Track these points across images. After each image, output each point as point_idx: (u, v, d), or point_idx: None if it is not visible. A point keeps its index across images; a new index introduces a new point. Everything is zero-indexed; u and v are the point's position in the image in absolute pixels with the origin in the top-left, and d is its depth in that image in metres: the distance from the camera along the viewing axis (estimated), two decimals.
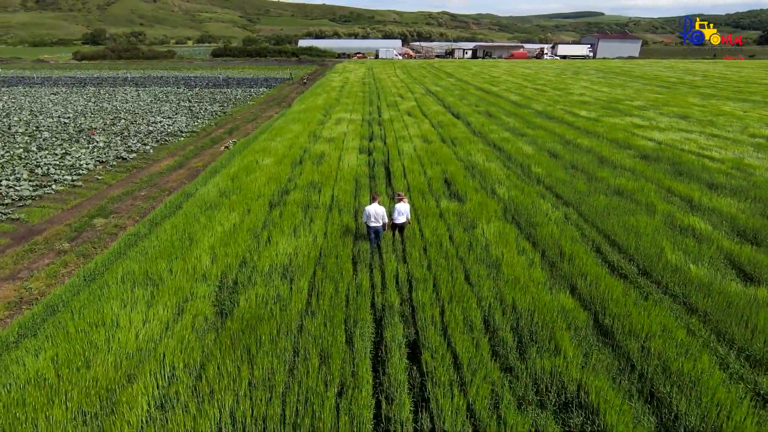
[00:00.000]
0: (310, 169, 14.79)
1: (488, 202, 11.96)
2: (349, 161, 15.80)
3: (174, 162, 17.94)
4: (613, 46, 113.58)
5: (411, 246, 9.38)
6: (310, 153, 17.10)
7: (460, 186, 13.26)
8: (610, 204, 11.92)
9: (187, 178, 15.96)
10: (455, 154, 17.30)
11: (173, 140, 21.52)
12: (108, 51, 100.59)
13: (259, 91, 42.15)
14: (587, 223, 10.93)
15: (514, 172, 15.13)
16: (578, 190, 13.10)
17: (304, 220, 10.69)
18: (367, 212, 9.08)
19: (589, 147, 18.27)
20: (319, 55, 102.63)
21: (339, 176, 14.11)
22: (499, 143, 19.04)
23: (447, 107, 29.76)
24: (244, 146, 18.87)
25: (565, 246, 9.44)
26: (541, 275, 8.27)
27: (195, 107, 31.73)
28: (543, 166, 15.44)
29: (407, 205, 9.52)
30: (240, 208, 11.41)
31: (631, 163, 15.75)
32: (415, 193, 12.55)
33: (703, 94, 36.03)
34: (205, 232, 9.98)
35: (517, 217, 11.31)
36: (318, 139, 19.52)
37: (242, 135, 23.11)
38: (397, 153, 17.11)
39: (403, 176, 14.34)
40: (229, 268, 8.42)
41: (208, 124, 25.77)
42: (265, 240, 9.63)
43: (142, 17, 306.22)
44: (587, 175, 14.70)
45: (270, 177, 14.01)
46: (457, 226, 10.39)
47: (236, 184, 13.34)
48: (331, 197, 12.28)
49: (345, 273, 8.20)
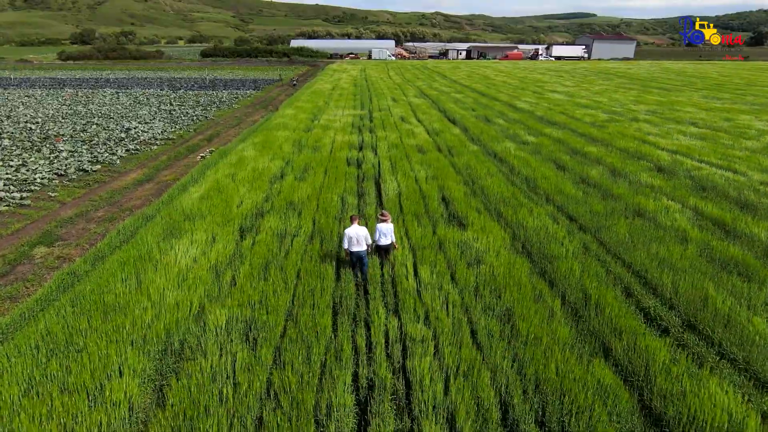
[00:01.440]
0: (290, 186, 13.11)
1: (493, 228, 10.37)
2: (336, 176, 14.14)
3: (142, 175, 16.17)
4: (607, 47, 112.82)
5: (404, 290, 7.74)
6: (293, 165, 15.41)
7: (460, 206, 11.65)
8: (633, 229, 10.38)
9: (154, 194, 14.22)
10: (453, 166, 15.70)
11: (145, 149, 19.72)
12: (94, 51, 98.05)
13: (246, 93, 40.35)
14: (610, 255, 9.37)
15: (519, 188, 13.55)
16: (594, 210, 11.54)
17: (278, 254, 9.02)
18: (347, 235, 8.05)
19: (598, 157, 16.76)
20: (311, 55, 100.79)
21: (323, 195, 12.44)
22: (500, 153, 17.47)
23: (442, 111, 28.19)
24: (221, 156, 17.14)
25: (590, 287, 7.86)
26: (565, 332, 6.67)
27: (176, 111, 29.90)
28: (551, 181, 13.88)
29: (391, 225, 8.64)
30: (205, 237, 9.72)
31: (647, 178, 14.24)
32: (409, 216, 10.91)
33: (707, 98, 34.77)
34: (157, 271, 8.28)
35: (528, 245, 9.72)
36: (303, 149, 17.84)
37: (222, 142, 21.37)
38: (390, 165, 15.47)
39: (397, 194, 12.70)
40: (177, 326, 6.72)
41: (187, 130, 23.97)
42: (227, 283, 7.94)
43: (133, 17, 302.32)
44: (601, 191, 13.16)
45: (244, 196, 12.32)
46: (459, 261, 8.78)
47: (205, 204, 11.63)
48: (312, 222, 10.61)
49: (322, 332, 6.55)
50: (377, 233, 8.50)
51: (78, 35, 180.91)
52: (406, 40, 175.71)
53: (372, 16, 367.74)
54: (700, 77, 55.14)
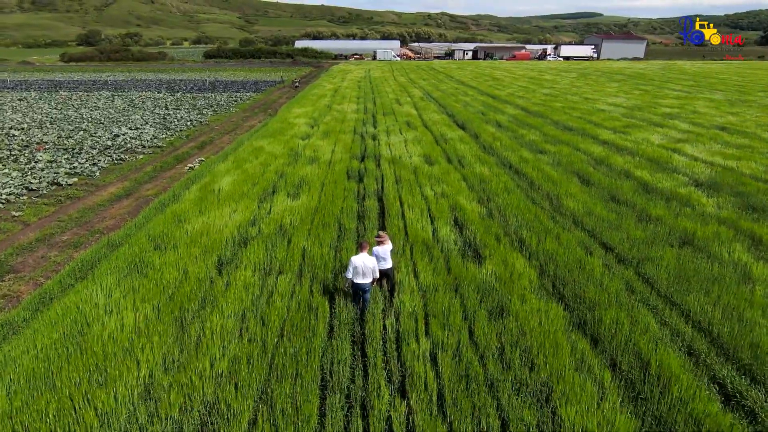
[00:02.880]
0: (282, 205, 11.55)
1: (517, 261, 8.75)
2: (334, 194, 12.57)
3: (122, 189, 14.69)
4: (617, 46, 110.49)
5: (412, 354, 6.15)
6: (287, 179, 13.86)
7: (475, 232, 10.04)
8: (683, 263, 8.72)
9: (132, 211, 12.73)
10: (465, 180, 14.08)
11: (130, 158, 18.27)
12: (96, 53, 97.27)
13: (246, 95, 38.93)
14: (662, 299, 7.71)
15: (541, 207, 11.91)
16: (632, 237, 9.89)
17: (258, 298, 7.45)
18: (354, 265, 7.10)
19: (625, 169, 15.07)
20: (315, 56, 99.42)
21: (318, 217, 10.87)
22: (516, 164, 15.84)
23: (450, 115, 26.56)
24: (208, 168, 15.64)
25: (645, 349, 6.24)
26: (626, 425, 5.05)
27: (170, 115, 28.48)
28: (577, 199, 12.23)
29: (390, 246, 7.85)
30: (175, 274, 8.18)
31: (686, 194, 12.56)
32: (417, 246, 9.31)
33: (730, 101, 32.86)
34: (108, 322, 6.75)
35: (560, 286, 8.09)
36: (299, 159, 16.29)
37: (215, 150, 19.89)
38: (394, 180, 13.88)
39: (400, 216, 11.11)
40: (113, 418, 5.15)
41: (179, 136, 22.52)
42: (190, 347, 6.36)
43: (139, 18, 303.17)
44: (636, 212, 11.49)
45: (228, 218, 10.77)
46: (480, 310, 7.17)
47: (180, 230, 10.10)
48: (302, 254, 9.04)
49: (304, 423, 4.97)
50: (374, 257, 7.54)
51: (83, 37, 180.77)
52: (412, 41, 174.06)
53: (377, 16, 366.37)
54: (718, 78, 53.08)
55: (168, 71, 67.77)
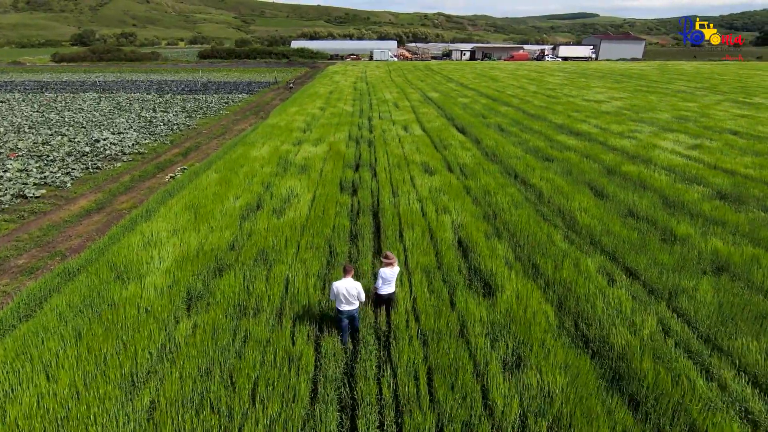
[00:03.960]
0: (265, 224, 10.35)
1: (532, 294, 7.59)
2: (325, 207, 11.38)
3: (94, 201, 13.45)
4: (615, 47, 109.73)
5: (414, 427, 4.97)
6: (273, 192, 12.65)
7: (483, 256, 8.87)
8: (722, 295, 7.59)
9: (101, 229, 11.50)
10: (468, 192, 12.92)
11: (107, 167, 17.02)
12: (88, 53, 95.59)
13: (238, 97, 37.68)
14: (707, 345, 6.56)
15: (554, 225, 10.76)
16: (659, 262, 8.75)
17: (228, 348, 6.26)
18: (335, 290, 6.50)
19: (641, 179, 13.95)
20: (311, 56, 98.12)
21: (305, 238, 9.67)
22: (522, 173, 14.69)
23: (450, 119, 25.41)
24: (189, 178, 14.41)
25: (699, 419, 5.09)
26: None
27: (157, 118, 27.20)
28: (592, 214, 11.09)
29: (398, 269, 7.12)
30: (132, 313, 6.97)
31: (711, 209, 11.44)
32: (417, 274, 8.13)
33: (735, 102, 31.85)
34: (39, 383, 5.53)
35: (583, 326, 6.93)
36: (288, 168, 15.08)
37: (200, 157, 18.66)
38: (391, 192, 12.70)
39: (398, 236, 9.93)
40: None
41: (163, 141, 21.26)
42: (144, 412, 5.16)
43: (134, 18, 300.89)
44: (659, 230, 10.36)
45: (204, 239, 9.56)
46: (492, 362, 6.00)
47: (148, 255, 8.87)
48: (285, 286, 7.84)
49: None
50: (379, 280, 6.97)
51: (78, 37, 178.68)
52: (408, 41, 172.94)
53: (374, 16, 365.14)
54: (720, 79, 52.20)
55: (160, 72, 66.36)
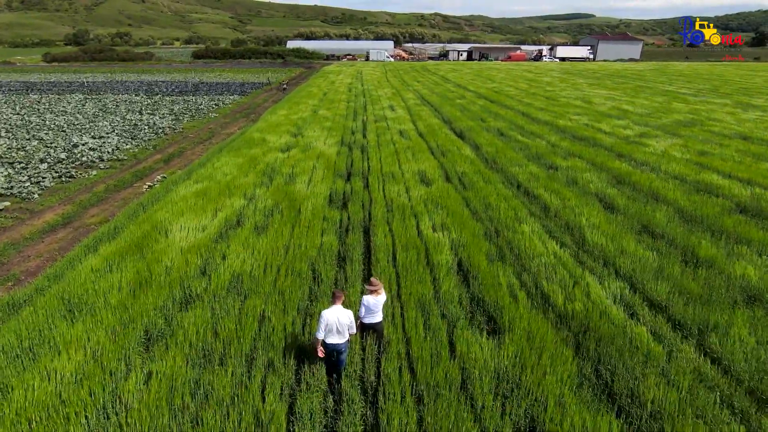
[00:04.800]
0: (242, 244, 9.31)
1: (546, 334, 6.58)
2: (311, 224, 10.35)
3: (61, 215, 12.37)
4: (613, 47, 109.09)
5: None
6: (256, 205, 11.60)
7: (485, 284, 7.86)
8: (759, 332, 6.62)
9: (65, 247, 10.45)
10: (467, 205, 11.92)
11: (82, 175, 15.92)
12: (80, 53, 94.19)
13: (230, 99, 36.60)
14: (752, 402, 5.57)
15: (562, 243, 9.77)
16: (682, 289, 7.77)
17: (183, 411, 5.21)
18: (325, 321, 5.66)
19: (653, 189, 12.99)
20: (307, 57, 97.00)
21: (287, 261, 8.63)
22: (525, 183, 13.70)
23: (447, 122, 24.43)
24: (166, 189, 13.33)
25: None
26: None
27: (142, 121, 26.09)
28: (603, 231, 10.10)
29: (384, 297, 6.33)
30: (77, 359, 5.93)
31: (733, 225, 10.47)
32: (411, 308, 7.11)
33: (740, 104, 31.01)
34: None
35: (606, 375, 5.93)
36: (274, 178, 14.04)
37: (183, 164, 17.60)
38: (385, 207, 11.67)
39: (391, 259, 8.91)
40: None
41: (145, 147, 20.16)
42: None
43: (130, 18, 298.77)
44: (680, 250, 9.38)
45: (172, 263, 8.50)
46: (503, 429, 4.98)
47: (107, 283, 7.81)
48: (259, 324, 6.79)
49: None
50: (362, 309, 6.23)
51: (72, 36, 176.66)
52: (405, 41, 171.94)
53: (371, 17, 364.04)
54: (722, 80, 51.47)
55: (152, 72, 65.11)
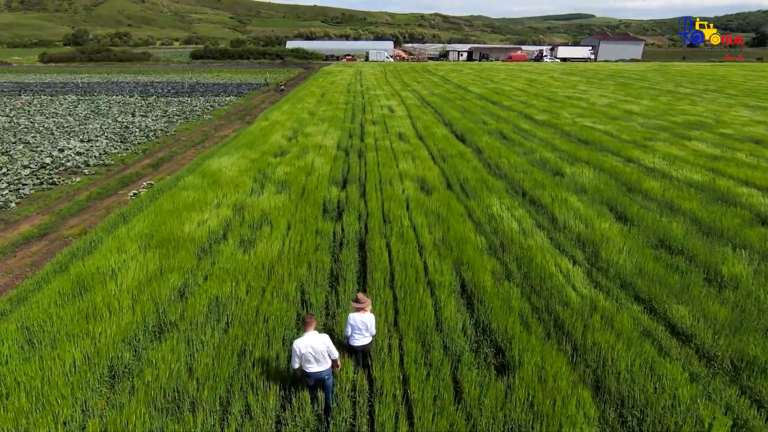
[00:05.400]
0: (228, 261, 8.56)
1: (561, 368, 5.84)
2: (303, 238, 9.60)
3: (38, 226, 11.61)
4: (614, 47, 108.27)
5: None
6: (245, 216, 10.85)
7: (492, 308, 7.11)
8: None
9: (38, 262, 9.70)
10: (471, 217, 11.17)
11: (65, 181, 15.17)
12: (77, 53, 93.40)
13: (226, 100, 35.83)
14: None
15: (574, 259, 9.02)
16: (709, 314, 7.03)
17: None
18: (298, 351, 5.18)
19: (666, 198, 12.24)
20: (306, 57, 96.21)
21: (274, 282, 7.88)
22: (530, 191, 12.95)
23: (448, 124, 23.69)
24: (152, 198, 12.58)
25: None
26: None
27: (134, 124, 25.34)
28: (618, 246, 9.35)
29: (371, 317, 5.84)
30: (23, 406, 5.18)
31: (758, 240, 9.72)
32: (410, 340, 6.36)
33: (747, 106, 30.27)
34: None
35: (635, 424, 5.18)
36: (266, 185, 13.29)
37: (173, 169, 16.86)
38: (382, 218, 10.92)
39: (388, 277, 8.16)
40: None
41: (135, 151, 19.41)
42: None
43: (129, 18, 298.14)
44: (702, 268, 8.63)
45: (146, 283, 7.74)
46: None
47: (73, 308, 7.06)
48: (238, 358, 6.04)
49: None
50: (348, 328, 5.79)
51: (71, 37, 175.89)
52: (405, 41, 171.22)
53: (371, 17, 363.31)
54: (726, 81, 50.74)
55: (149, 73, 64.36)
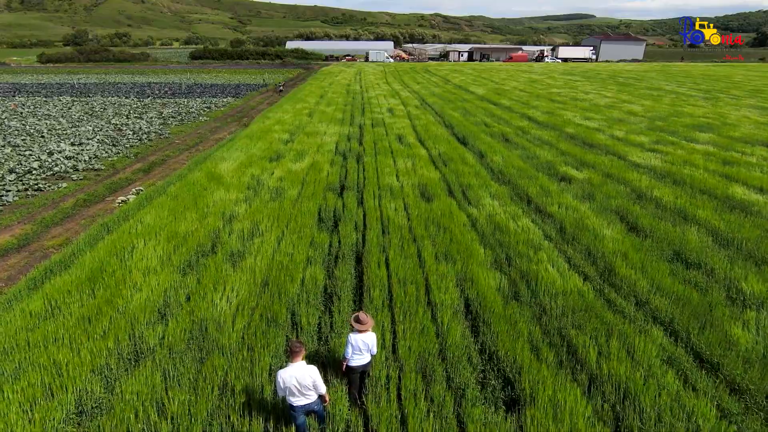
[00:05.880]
0: (214, 277, 7.97)
1: (575, 407, 5.24)
2: (295, 250, 9.02)
3: (18, 236, 11.03)
4: (616, 48, 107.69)
5: None
6: (233, 227, 10.25)
7: (500, 334, 6.52)
8: None
9: (14, 277, 9.12)
10: (474, 227, 10.58)
11: (51, 187, 14.59)
12: (76, 53, 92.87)
13: (223, 101, 35.27)
14: None
15: (585, 275, 8.42)
16: (736, 341, 6.44)
17: None
18: (282, 383, 4.71)
19: (680, 207, 11.64)
20: (306, 57, 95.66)
21: (264, 302, 7.30)
22: (536, 198, 12.36)
23: (449, 127, 23.11)
24: (139, 206, 11.99)
25: None
26: None
27: (127, 126, 24.77)
28: (630, 260, 8.76)
29: (373, 337, 5.45)
30: None
31: None
32: (410, 372, 5.77)
33: (755, 107, 29.65)
34: None
35: None
36: (259, 192, 12.71)
37: (164, 174, 16.30)
38: (380, 228, 10.33)
39: (387, 296, 7.57)
40: None
41: (126, 154, 18.83)
42: None
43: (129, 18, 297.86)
44: (722, 285, 8.04)
45: (128, 301, 7.15)
46: None
47: (39, 333, 6.48)
48: (220, 393, 5.45)
49: None
50: (349, 348, 5.33)
51: (71, 37, 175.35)
52: (405, 42, 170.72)
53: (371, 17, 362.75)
54: (730, 82, 50.14)
55: (147, 73, 63.80)
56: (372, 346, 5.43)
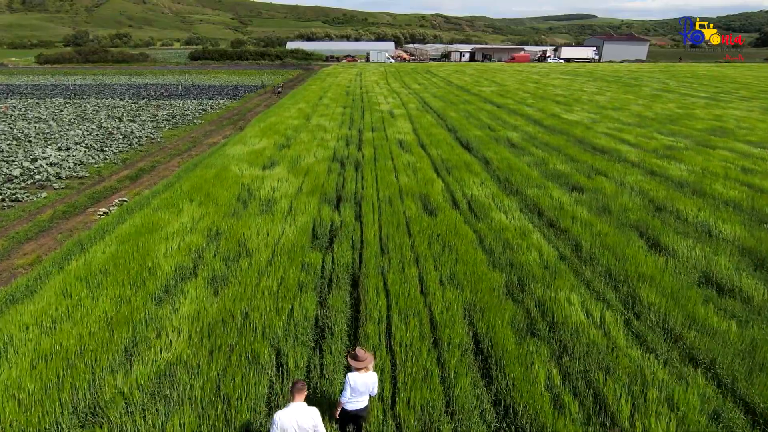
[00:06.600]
0: (193, 305, 7.09)
1: None
2: (285, 275, 8.13)
3: None
4: (619, 48, 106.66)
5: None
6: (219, 246, 9.37)
7: (516, 380, 5.64)
8: None
9: None
10: (483, 245, 9.68)
11: (30, 197, 13.72)
12: (74, 54, 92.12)
13: (220, 103, 34.41)
14: None
15: (608, 303, 7.53)
16: None
17: None
18: (279, 424, 4.09)
19: (702, 221, 10.75)
20: (306, 58, 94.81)
21: (244, 341, 6.41)
22: (547, 211, 11.47)
23: (451, 130, 22.22)
24: (120, 219, 11.12)
25: None
26: None
27: (119, 129, 23.91)
28: (656, 285, 7.87)
29: (374, 377, 4.78)
30: None
31: None
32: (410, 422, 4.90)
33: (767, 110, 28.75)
34: None
35: None
36: (248, 204, 11.82)
37: (153, 181, 15.43)
38: (379, 247, 9.44)
39: (384, 329, 6.68)
40: None
41: (113, 160, 17.96)
42: None
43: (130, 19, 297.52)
44: (763, 316, 7.14)
45: (86, 342, 6.28)
46: None
47: None
48: None
49: None
50: (347, 390, 4.67)
51: (71, 37, 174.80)
52: (406, 42, 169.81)
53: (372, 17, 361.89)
54: (737, 83, 49.16)
55: (145, 74, 62.98)
56: (373, 387, 4.78)
